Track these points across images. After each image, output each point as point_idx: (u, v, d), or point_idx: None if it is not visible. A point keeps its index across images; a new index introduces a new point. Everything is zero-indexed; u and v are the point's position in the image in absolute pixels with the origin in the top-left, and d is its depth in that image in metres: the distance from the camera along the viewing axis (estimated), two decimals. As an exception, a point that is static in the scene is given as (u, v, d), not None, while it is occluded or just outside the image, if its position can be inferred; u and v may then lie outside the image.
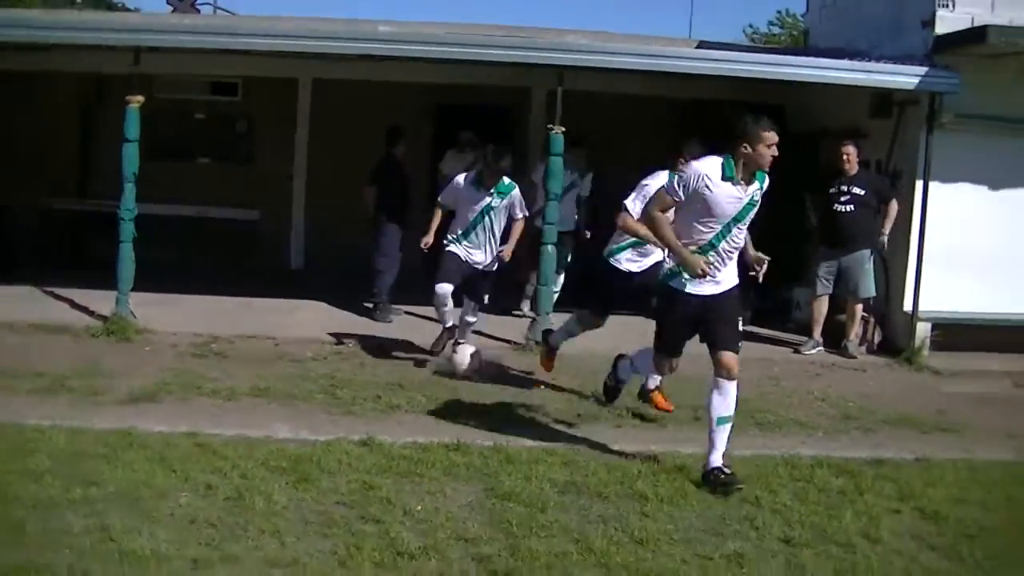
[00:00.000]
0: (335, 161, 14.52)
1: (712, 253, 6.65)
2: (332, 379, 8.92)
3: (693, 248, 6.59)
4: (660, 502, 6.17)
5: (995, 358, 11.32)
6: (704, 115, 13.91)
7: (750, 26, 41.89)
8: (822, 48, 14.45)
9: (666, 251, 7.28)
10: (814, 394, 9.59)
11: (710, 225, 6.61)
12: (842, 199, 11.54)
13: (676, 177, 6.98)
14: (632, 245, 8.43)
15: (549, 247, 10.90)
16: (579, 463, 6.83)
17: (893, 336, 11.79)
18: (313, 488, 6.06)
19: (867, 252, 11.56)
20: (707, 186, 6.52)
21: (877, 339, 11.88)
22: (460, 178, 9.77)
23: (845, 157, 11.59)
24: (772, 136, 6.64)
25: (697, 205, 6.57)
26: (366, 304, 12.12)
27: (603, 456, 7.09)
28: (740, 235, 6.73)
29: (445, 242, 9.69)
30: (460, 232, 9.64)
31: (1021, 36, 10.87)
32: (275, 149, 15.04)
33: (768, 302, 12.81)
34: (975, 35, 10.98)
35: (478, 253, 9.66)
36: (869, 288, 11.57)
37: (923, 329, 11.50)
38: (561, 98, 10.93)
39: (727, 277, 6.81)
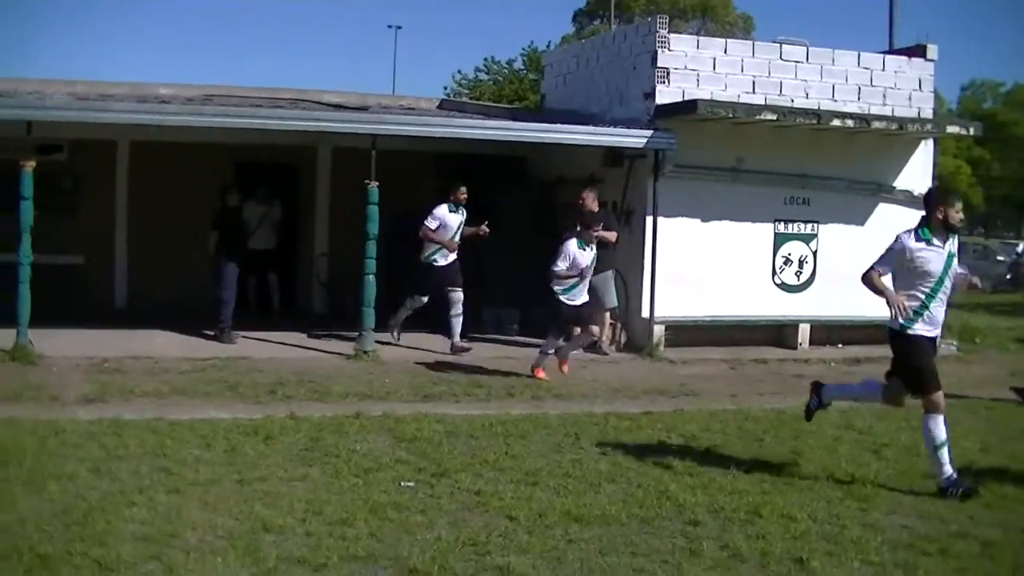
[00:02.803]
0: (152, 212, 16.77)
1: None
2: (226, 382, 11.37)
3: None
4: (515, 438, 9.17)
5: (713, 350, 14.82)
6: (456, 165, 16.92)
7: (459, 71, 45.00)
8: (559, 111, 17.81)
9: None
10: (586, 378, 12.72)
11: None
12: (589, 233, 14.71)
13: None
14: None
15: (371, 276, 13.59)
16: (448, 419, 9.75)
17: (635, 337, 15.12)
18: (279, 443, 8.67)
19: (610, 272, 14.80)
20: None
21: (623, 339, 15.18)
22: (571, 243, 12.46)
23: (582, 201, 14.72)
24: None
25: None
26: (206, 332, 14.47)
27: (458, 416, 9.98)
28: None
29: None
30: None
31: (720, 107, 14.49)
32: (98, 202, 17.03)
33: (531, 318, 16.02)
34: (687, 106, 14.50)
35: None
36: (613, 300, 14.83)
37: (658, 330, 14.86)
38: (374, 156, 13.63)
39: None
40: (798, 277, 15.82)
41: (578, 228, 12.61)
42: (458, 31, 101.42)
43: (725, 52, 15.56)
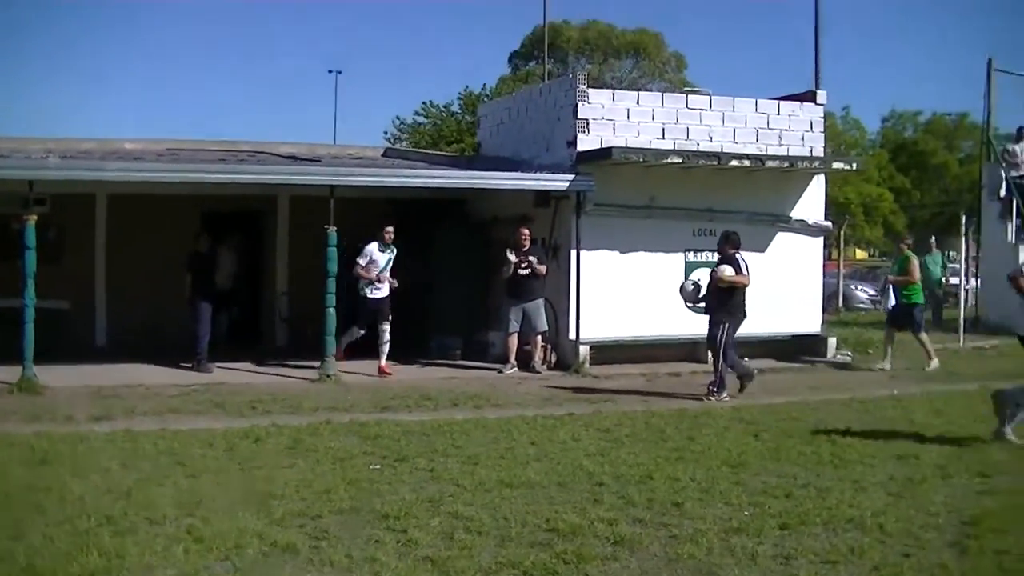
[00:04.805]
0: (128, 258, 18.62)
1: None
2: (212, 402, 13.24)
3: None
4: (459, 434, 11.17)
5: (633, 366, 16.85)
6: (402, 208, 18.96)
7: (397, 118, 46.82)
8: (493, 157, 19.89)
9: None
10: (520, 392, 14.73)
11: None
12: (523, 266, 16.74)
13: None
14: None
15: (331, 310, 15.51)
16: (404, 423, 11.72)
17: (564, 356, 17.15)
18: (267, 443, 10.58)
19: (540, 300, 16.87)
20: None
21: (553, 359, 17.20)
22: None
23: (522, 237, 16.81)
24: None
25: None
26: (183, 363, 16.30)
27: (412, 421, 11.96)
28: None
29: None
30: None
31: (632, 152, 16.66)
32: (79, 251, 18.83)
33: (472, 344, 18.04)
34: (604, 153, 16.64)
35: None
36: (544, 324, 16.87)
37: (584, 350, 16.90)
38: (332, 204, 15.57)
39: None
40: (707, 300, 17.88)
41: None
42: (395, 74, 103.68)
43: (638, 103, 17.76)
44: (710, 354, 14.77)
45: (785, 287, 18.12)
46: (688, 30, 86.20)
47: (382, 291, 16.34)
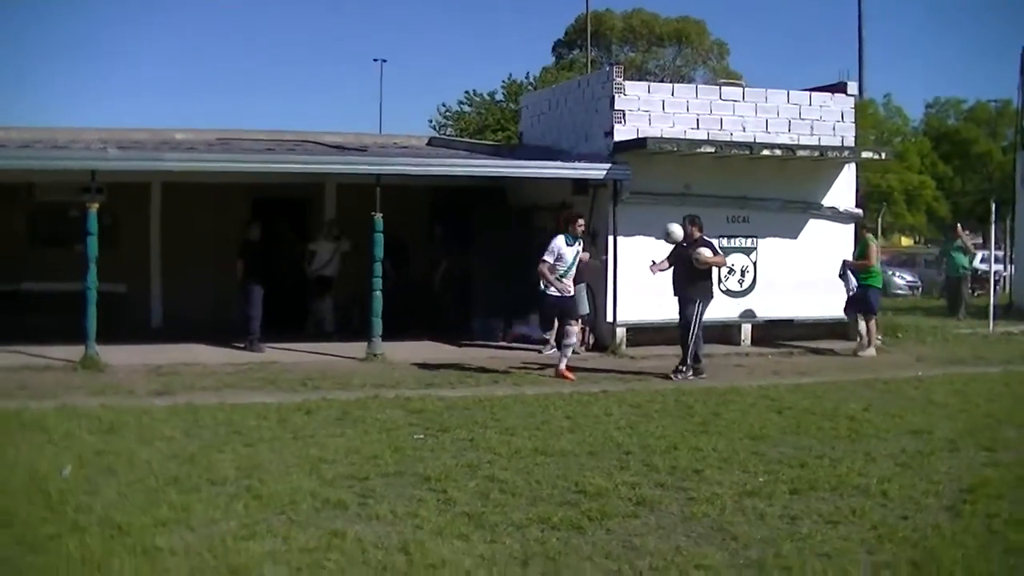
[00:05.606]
0: (183, 243, 19.45)
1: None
2: (265, 379, 13.98)
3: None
4: (499, 408, 11.84)
5: (668, 348, 17.34)
6: (446, 196, 19.75)
7: (443, 104, 47.49)
8: (534, 147, 20.54)
9: None
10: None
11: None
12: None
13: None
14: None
15: (377, 292, 16.22)
16: (447, 398, 12.42)
17: (601, 338, 17.78)
18: (317, 415, 11.30)
19: (582, 285, 17.45)
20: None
21: (592, 341, 17.82)
22: None
23: (577, 226, 17.35)
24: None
25: None
26: (236, 344, 17.06)
27: (454, 396, 12.64)
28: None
29: None
30: None
31: (666, 143, 17.22)
32: (135, 236, 19.66)
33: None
34: (639, 143, 17.23)
35: None
36: (586, 308, 17.47)
37: (621, 332, 17.53)
38: (379, 191, 16.27)
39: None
40: (741, 284, 18.48)
41: None
42: (440, 63, 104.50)
43: (672, 95, 18.32)
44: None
45: (816, 272, 18.63)
46: (731, 17, 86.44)
47: (568, 289, 15.26)
